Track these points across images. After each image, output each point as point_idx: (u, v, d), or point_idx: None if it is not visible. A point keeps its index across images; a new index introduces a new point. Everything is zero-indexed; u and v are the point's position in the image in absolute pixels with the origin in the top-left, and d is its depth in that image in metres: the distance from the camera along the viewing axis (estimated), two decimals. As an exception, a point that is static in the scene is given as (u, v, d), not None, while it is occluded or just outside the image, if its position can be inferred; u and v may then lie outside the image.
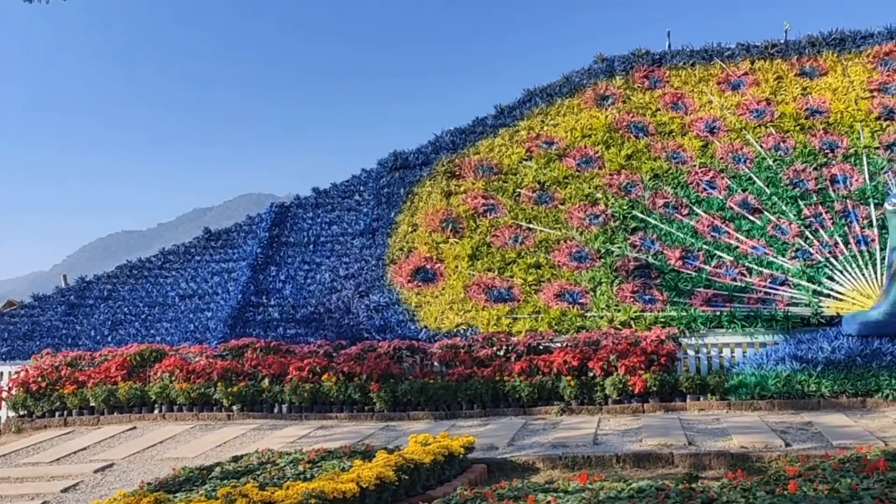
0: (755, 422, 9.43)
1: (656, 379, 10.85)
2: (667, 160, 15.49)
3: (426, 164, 17.09)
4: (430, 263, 14.55)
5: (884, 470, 5.66)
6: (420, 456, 6.64)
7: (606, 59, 18.44)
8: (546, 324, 12.85)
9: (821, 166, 14.58)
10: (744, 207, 14.13)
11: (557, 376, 11.29)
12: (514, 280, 13.82)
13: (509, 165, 16.31)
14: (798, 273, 12.81)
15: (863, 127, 15.09)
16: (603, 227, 14.40)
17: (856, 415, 9.69)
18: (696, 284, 13.03)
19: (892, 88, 15.82)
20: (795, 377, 10.55)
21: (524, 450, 8.36)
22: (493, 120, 17.87)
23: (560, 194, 15.34)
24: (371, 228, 15.88)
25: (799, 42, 17.46)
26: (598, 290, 13.30)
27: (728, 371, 11.46)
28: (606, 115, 16.89)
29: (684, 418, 10.00)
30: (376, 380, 11.53)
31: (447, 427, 10.10)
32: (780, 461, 7.33)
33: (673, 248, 13.68)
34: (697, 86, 17.22)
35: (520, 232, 14.72)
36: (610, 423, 9.92)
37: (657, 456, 7.81)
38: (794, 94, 16.32)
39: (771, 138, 15.37)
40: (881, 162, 14.32)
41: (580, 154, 16.09)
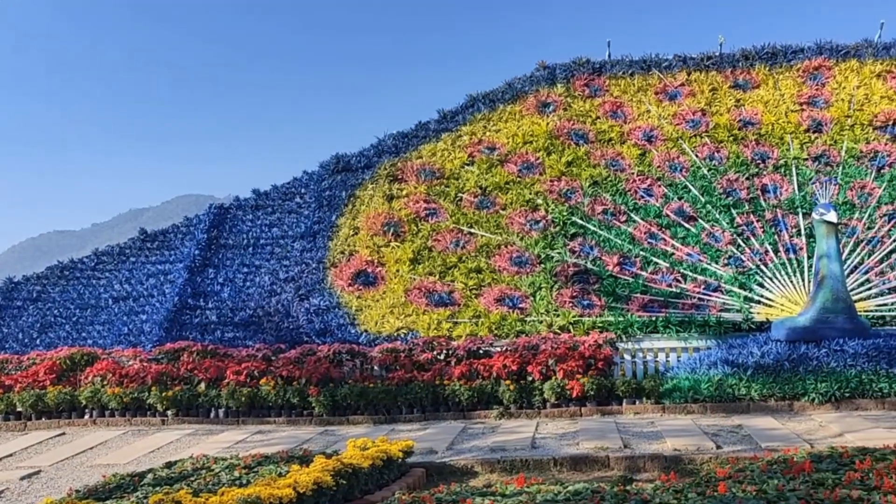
0: (688, 425, 9.65)
1: (594, 383, 11.01)
2: (606, 167, 15.76)
3: (368, 167, 17.03)
4: (371, 267, 14.50)
5: (809, 471, 5.86)
6: (359, 460, 6.60)
7: (548, 66, 18.67)
8: (486, 328, 12.94)
9: (753, 176, 15.02)
10: (679, 215, 14.46)
11: (497, 380, 11.37)
12: (456, 284, 13.87)
13: (452, 170, 16.37)
14: (730, 280, 13.17)
15: (792, 139, 15.60)
16: (543, 233, 14.56)
17: (783, 418, 10.00)
18: (634, 290, 13.28)
19: (820, 102, 16.40)
20: (727, 381, 10.83)
21: (463, 454, 8.39)
22: (437, 125, 17.92)
23: (501, 199, 15.46)
24: (312, 231, 15.75)
25: (733, 55, 17.97)
26: (537, 294, 13.45)
27: (663, 375, 11.71)
28: (548, 122, 17.10)
29: (620, 422, 10.18)
30: (315, 384, 11.44)
31: (387, 431, 10.08)
32: (712, 463, 7.52)
33: (611, 254, 13.91)
34: (636, 95, 17.56)
35: (461, 236, 14.79)
36: (548, 427, 10.03)
37: (594, 459, 7.93)
38: (728, 106, 16.78)
39: (706, 148, 15.77)
40: (809, 173, 14.83)
41: (522, 160, 16.26)
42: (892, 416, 9.78)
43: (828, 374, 10.63)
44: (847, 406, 10.35)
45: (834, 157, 15.08)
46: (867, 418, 9.63)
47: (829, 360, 10.82)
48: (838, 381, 10.50)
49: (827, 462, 6.22)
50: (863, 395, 10.45)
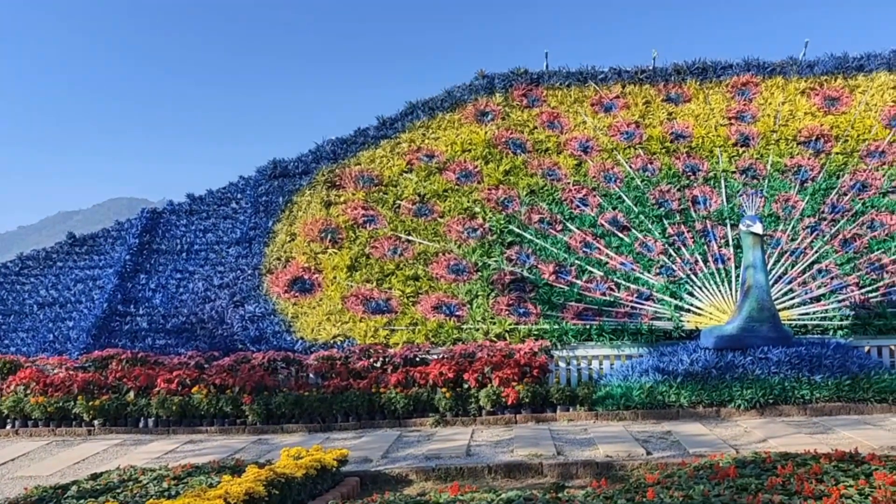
0: (620, 431, 9.83)
1: (529, 390, 11.13)
2: (543, 177, 15.97)
3: (306, 173, 16.90)
4: (308, 274, 14.38)
5: (734, 477, 6.04)
6: (292, 470, 6.54)
7: (487, 76, 18.84)
8: (423, 336, 12.97)
9: (684, 188, 15.42)
10: (614, 225, 14.74)
11: (433, 388, 11.40)
12: (393, 292, 13.86)
13: (390, 177, 16.37)
14: (662, 289, 13.49)
15: (721, 152, 16.08)
16: (480, 241, 14.67)
17: (711, 424, 10.27)
18: (569, 298, 13.48)
19: (747, 117, 16.94)
20: (658, 388, 11.08)
21: (398, 462, 8.38)
22: (376, 131, 17.89)
23: (440, 207, 15.53)
24: (248, 237, 15.54)
25: (666, 69, 18.42)
26: (474, 302, 13.54)
27: (597, 383, 11.92)
28: (486, 130, 17.25)
29: (554, 429, 10.31)
30: (249, 392, 11.28)
31: (322, 440, 10.01)
32: (642, 469, 7.67)
33: (547, 263, 14.09)
34: (573, 106, 17.85)
35: (399, 244, 14.79)
36: (483, 435, 10.09)
37: (527, 466, 8.02)
38: (660, 119, 17.20)
39: (639, 159, 16.12)
40: (737, 185, 15.30)
41: (460, 168, 16.36)
42: (814, 422, 10.13)
43: (753, 381, 10.97)
44: (771, 412, 10.69)
45: (760, 171, 15.60)
46: (790, 424, 9.97)
47: (755, 367, 11.17)
48: (763, 387, 10.85)
49: (751, 467, 6.42)
50: (786, 401, 10.81)
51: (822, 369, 11.05)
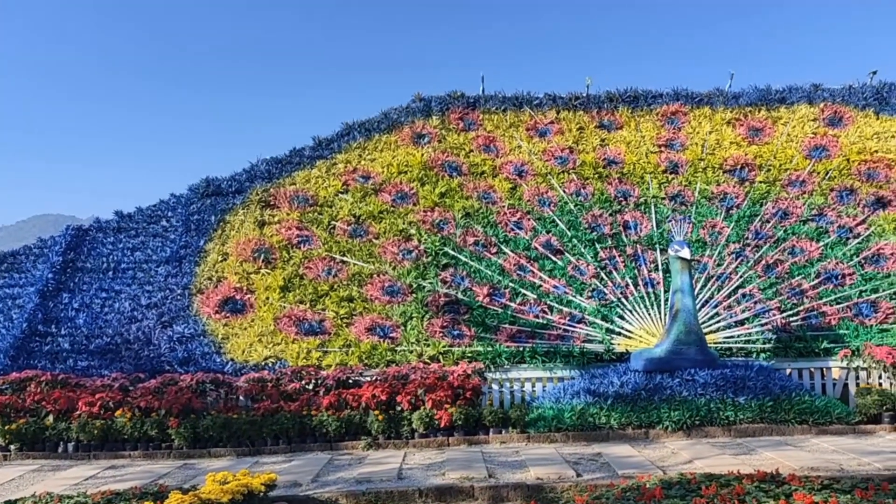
0: (551, 454, 9.90)
1: (462, 413, 11.13)
2: (478, 200, 16.10)
3: (240, 192, 16.67)
4: (239, 294, 14.14)
5: (659, 498, 6.14)
6: (217, 495, 6.39)
7: (424, 98, 18.95)
8: (357, 357, 12.87)
9: (615, 213, 15.73)
10: (547, 248, 14.93)
11: (366, 410, 11.30)
12: (327, 313, 13.73)
13: (325, 198, 16.27)
14: (593, 312, 13.70)
15: (652, 178, 16.48)
16: (415, 263, 14.67)
17: (640, 445, 10.44)
18: (502, 321, 13.57)
19: (676, 145, 17.43)
20: (589, 410, 11.21)
21: (328, 486, 8.26)
22: (311, 151, 17.78)
23: (375, 228, 15.48)
24: (178, 256, 15.20)
25: (599, 97, 18.84)
26: (408, 324, 13.51)
27: (529, 405, 12.00)
28: (423, 153, 17.31)
29: (487, 451, 10.32)
30: (176, 415, 10.99)
31: (250, 464, 9.81)
32: (572, 491, 7.74)
33: (481, 285, 14.17)
34: (508, 130, 18.08)
35: (333, 264, 14.68)
36: (415, 457, 10.04)
37: (458, 489, 8.00)
38: (593, 145, 17.55)
39: (573, 184, 16.40)
40: (666, 211, 15.69)
41: (396, 190, 16.36)
42: (738, 442, 10.39)
43: (680, 402, 11.21)
44: (697, 433, 10.93)
45: (688, 197, 16.03)
46: (715, 445, 10.20)
47: (682, 389, 11.42)
48: (690, 409, 11.09)
49: (676, 488, 6.54)
50: (711, 422, 11.06)
51: (746, 391, 11.36)
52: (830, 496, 6.05)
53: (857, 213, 15.38)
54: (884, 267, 14.22)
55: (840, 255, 14.51)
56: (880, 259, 14.40)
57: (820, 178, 16.23)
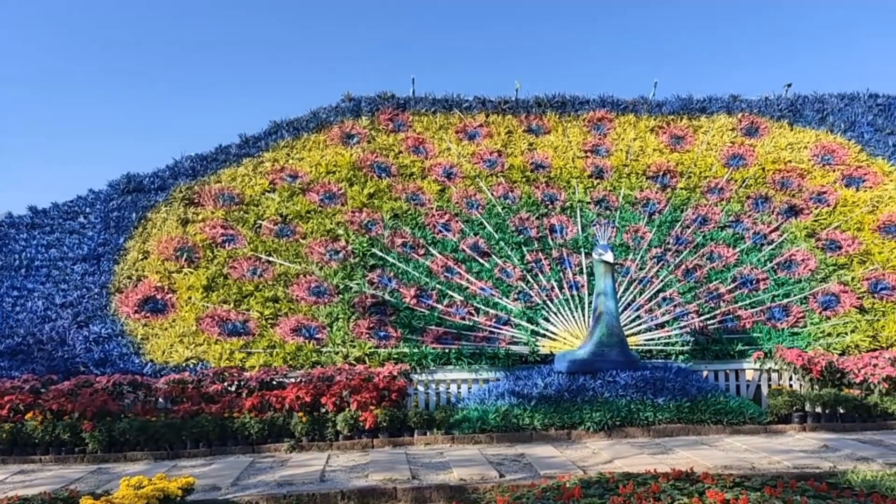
0: (475, 455, 9.97)
1: (387, 414, 11.10)
2: (407, 201, 16.09)
3: (163, 188, 16.25)
4: (160, 293, 13.78)
5: (578, 497, 6.26)
6: (131, 500, 6.21)
7: (354, 98, 18.86)
8: (281, 359, 12.70)
9: (542, 216, 15.95)
10: (475, 250, 15.03)
11: (290, 412, 11.17)
12: (251, 313, 13.51)
13: (252, 196, 16.01)
14: (519, 314, 13.85)
15: (577, 183, 16.78)
16: (343, 264, 14.57)
17: (562, 446, 10.60)
18: (429, 322, 13.60)
19: (602, 151, 17.78)
20: (513, 411, 11.34)
21: (248, 489, 8.12)
22: (238, 149, 17.48)
23: (302, 228, 15.32)
24: (96, 254, 14.72)
25: (527, 101, 19.08)
26: (334, 325, 13.41)
27: (454, 406, 12.07)
28: (351, 153, 17.22)
29: (411, 453, 10.32)
30: (91, 418, 10.64)
31: (168, 468, 9.56)
32: (494, 492, 7.80)
33: (409, 287, 14.17)
34: (438, 133, 18.14)
35: (259, 264, 14.46)
36: (339, 460, 9.96)
37: (381, 491, 7.97)
38: (521, 149, 17.76)
39: (501, 187, 16.56)
40: (592, 215, 15.99)
41: (324, 190, 16.22)
42: (656, 442, 10.66)
43: (602, 403, 11.44)
44: (618, 434, 11.17)
45: (613, 202, 16.38)
46: (634, 445, 10.44)
47: (604, 390, 11.66)
48: (611, 410, 11.33)
49: (595, 487, 6.67)
50: (631, 423, 11.33)
51: (665, 392, 11.67)
52: (741, 493, 6.26)
53: (772, 221, 15.97)
54: (795, 272, 14.81)
55: (755, 260, 15.05)
56: (792, 265, 14.99)
57: (737, 186, 16.80)
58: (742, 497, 6.06)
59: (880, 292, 14.46)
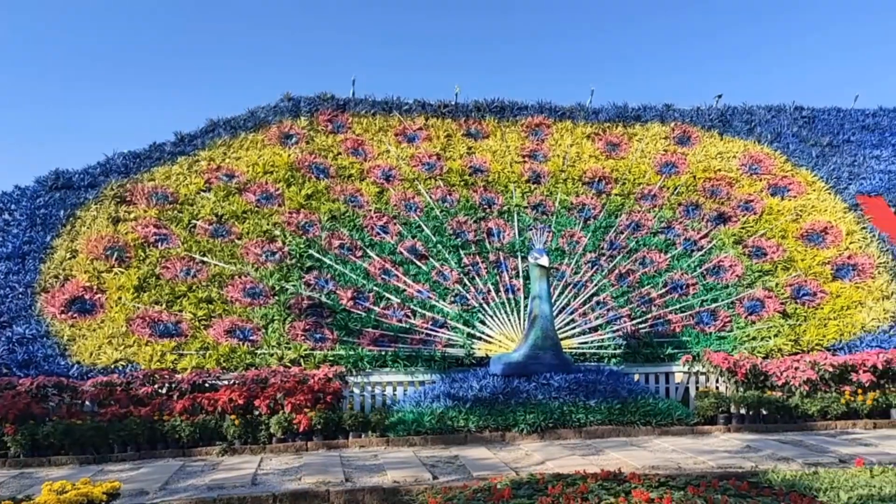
0: (409, 457, 10.00)
1: (321, 417, 11.06)
2: (345, 203, 16.03)
3: (93, 186, 15.82)
4: (89, 294, 13.43)
5: (508, 498, 6.35)
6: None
7: (293, 98, 18.69)
8: (214, 361, 12.52)
9: (480, 220, 16.08)
10: (412, 253, 15.07)
11: (222, 415, 11.03)
12: (184, 315, 13.28)
13: (186, 195, 15.72)
14: (456, 317, 13.94)
15: (515, 188, 16.97)
16: (279, 265, 14.44)
17: (496, 447, 10.72)
18: (366, 324, 13.58)
19: (540, 156, 18.02)
20: (448, 414, 11.42)
21: (177, 493, 7.99)
22: (173, 147, 17.13)
23: (238, 229, 15.11)
24: (21, 252, 14.23)
25: (467, 105, 19.21)
26: (270, 327, 13.28)
27: (390, 409, 12.09)
28: (290, 153, 17.07)
29: (345, 455, 10.30)
30: (13, 421, 10.32)
31: (94, 472, 9.34)
32: (427, 493, 7.85)
33: (346, 289, 14.12)
34: (377, 135, 18.12)
35: (193, 265, 14.21)
36: (272, 463, 9.88)
37: (314, 494, 7.94)
38: (460, 152, 17.87)
39: (439, 190, 16.64)
40: (528, 220, 16.19)
41: (261, 190, 16.04)
42: (587, 444, 10.87)
43: (536, 406, 11.61)
44: (550, 435, 11.35)
45: (549, 207, 16.61)
46: (566, 446, 10.62)
47: (538, 393, 11.84)
48: (544, 412, 11.51)
49: (525, 488, 6.77)
50: (564, 425, 11.52)
51: (597, 394, 11.91)
52: (666, 493, 6.44)
53: (701, 227, 16.43)
54: (723, 278, 15.27)
55: (685, 266, 15.46)
56: (720, 270, 15.45)
57: (669, 193, 17.23)
58: (666, 496, 6.23)
59: (802, 298, 15.02)
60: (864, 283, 15.39)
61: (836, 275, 15.62)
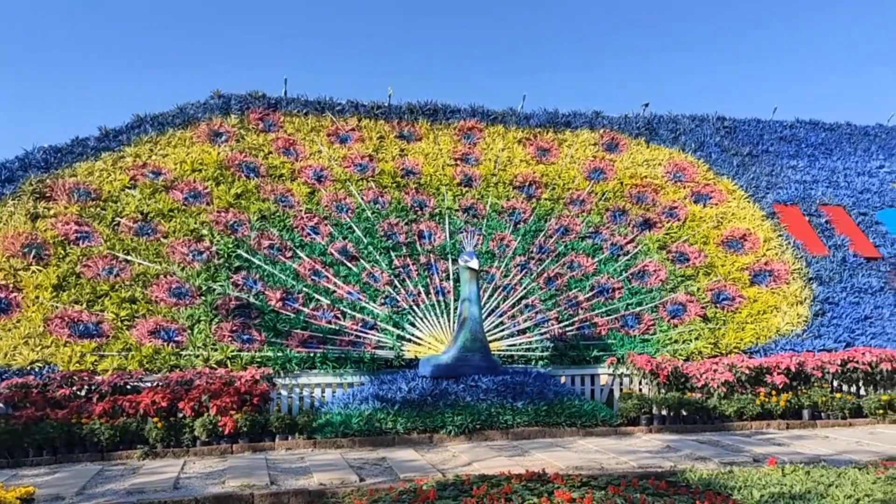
0: (336, 459, 9.97)
1: (247, 419, 10.92)
2: (275, 203, 15.86)
3: (11, 181, 15.25)
4: (4, 292, 12.94)
5: (433, 499, 6.40)
6: (-37, 514, 5.84)
7: (223, 95, 18.39)
8: (137, 362, 12.23)
9: (411, 222, 16.12)
10: (343, 254, 15.01)
11: (144, 418, 10.78)
12: (106, 315, 12.93)
13: (110, 192, 15.31)
14: (385, 318, 13.95)
15: (447, 191, 17.07)
16: (206, 265, 14.19)
17: (423, 449, 10.77)
18: (294, 326, 13.46)
19: (472, 159, 18.17)
20: (376, 416, 11.42)
21: (95, 498, 7.79)
22: (97, 142, 16.65)
23: (164, 227, 14.79)
24: (-69, 248, 13.64)
25: (400, 107, 19.23)
26: (196, 328, 13.05)
27: (318, 411, 12.03)
28: (219, 151, 16.79)
29: (271, 458, 10.20)
30: (-81, 426, 9.87)
31: (8, 477, 9.03)
32: (353, 495, 7.85)
33: (275, 290, 13.97)
34: (309, 135, 17.98)
35: (116, 263, 13.85)
36: (195, 466, 9.71)
37: (238, 497, 7.85)
38: (393, 154, 17.88)
39: (371, 192, 16.61)
40: (459, 223, 16.31)
41: (189, 188, 15.73)
42: (514, 445, 11.02)
43: (464, 407, 11.71)
44: (478, 437, 11.46)
45: (480, 210, 16.77)
46: (493, 448, 10.75)
47: (466, 394, 11.94)
48: (472, 414, 11.61)
49: (450, 490, 6.84)
50: (491, 426, 11.65)
51: (524, 396, 12.08)
52: (587, 493, 6.60)
53: (628, 233, 16.84)
54: (647, 282, 15.68)
55: (611, 270, 15.82)
56: (645, 275, 15.86)
57: (597, 199, 17.59)
58: (587, 496, 6.39)
59: (722, 302, 15.54)
60: (780, 288, 16.02)
61: (754, 280, 16.21)
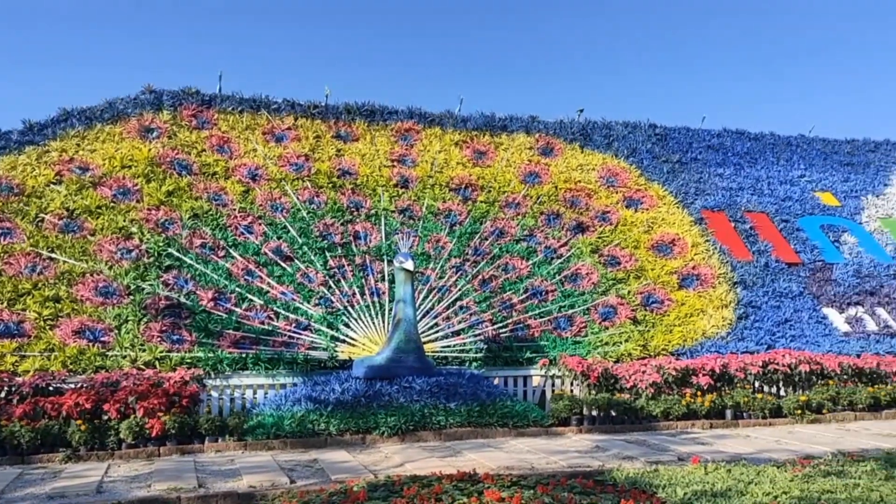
0: (267, 461, 9.87)
1: (176, 421, 10.72)
2: (208, 201, 15.59)
3: (-73, 173, 14.65)
4: (-81, 290, 12.42)
5: (363, 500, 6.41)
6: None
7: (155, 91, 17.99)
8: (60, 363, 11.89)
9: (347, 223, 16.05)
10: (277, 254, 14.85)
11: (67, 420, 10.48)
12: (27, 314, 12.52)
13: (34, 188, 14.82)
14: (320, 319, 13.86)
15: (384, 191, 17.05)
16: (135, 263, 13.86)
17: (356, 450, 10.74)
18: (226, 326, 13.26)
19: (408, 161, 18.19)
20: (309, 417, 11.33)
21: (14, 503, 7.56)
22: (20, 136, 16.11)
23: (91, 224, 14.39)
24: None
25: (337, 107, 19.12)
26: (123, 328, 12.74)
27: (249, 412, 11.87)
28: (150, 148, 16.42)
29: (200, 460, 10.03)
30: None
31: (-81, 484, 8.66)
32: (284, 498, 7.76)
33: (206, 289, 13.74)
34: (244, 133, 17.73)
35: (39, 261, 13.42)
36: (120, 470, 9.49)
37: (164, 501, 7.70)
38: (329, 154, 17.77)
39: (307, 192, 16.47)
40: (395, 224, 16.31)
41: (118, 185, 15.34)
42: (446, 446, 11.08)
43: (397, 408, 11.72)
44: (411, 438, 11.48)
45: (417, 212, 16.80)
46: (426, 449, 10.79)
47: (399, 396, 11.94)
48: (405, 415, 11.63)
49: (381, 490, 6.86)
50: (424, 427, 11.69)
51: (457, 397, 12.15)
52: (516, 492, 6.69)
53: (561, 236, 17.10)
54: (580, 285, 15.96)
55: (545, 273, 16.04)
56: (577, 278, 16.14)
57: (532, 203, 17.82)
58: (517, 495, 6.48)
59: (651, 305, 15.92)
60: (706, 292, 16.49)
61: (682, 284, 16.66)
